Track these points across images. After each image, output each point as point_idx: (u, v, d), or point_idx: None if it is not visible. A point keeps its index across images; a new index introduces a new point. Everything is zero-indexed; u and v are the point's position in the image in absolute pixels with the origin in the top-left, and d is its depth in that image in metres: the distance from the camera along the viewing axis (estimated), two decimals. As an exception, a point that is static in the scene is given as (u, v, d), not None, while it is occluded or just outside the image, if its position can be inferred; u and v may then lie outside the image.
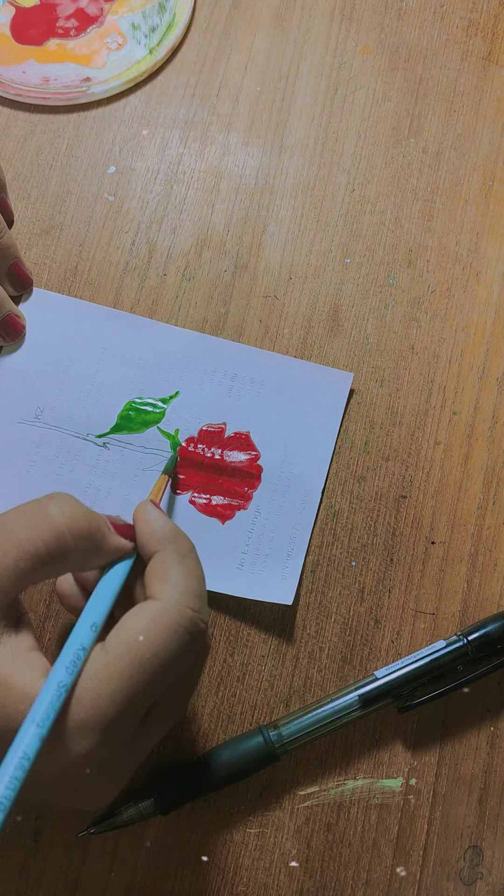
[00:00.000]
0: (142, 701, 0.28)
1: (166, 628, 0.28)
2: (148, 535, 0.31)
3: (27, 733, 0.25)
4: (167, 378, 0.40)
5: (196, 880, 0.35)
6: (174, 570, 0.30)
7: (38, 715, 0.25)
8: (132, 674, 0.27)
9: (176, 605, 0.28)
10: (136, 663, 0.27)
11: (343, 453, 0.40)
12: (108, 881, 0.35)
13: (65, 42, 0.46)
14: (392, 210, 0.44)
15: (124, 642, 0.27)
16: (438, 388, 0.41)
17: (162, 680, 0.28)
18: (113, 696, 0.27)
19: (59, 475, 0.39)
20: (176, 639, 0.28)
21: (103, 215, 0.43)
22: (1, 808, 0.24)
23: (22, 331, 0.40)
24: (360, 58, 0.46)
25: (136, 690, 0.27)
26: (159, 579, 0.29)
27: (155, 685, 0.28)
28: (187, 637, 0.28)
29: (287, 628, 0.38)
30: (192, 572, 0.30)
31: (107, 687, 0.27)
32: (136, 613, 0.29)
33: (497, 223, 0.44)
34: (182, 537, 0.31)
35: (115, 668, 0.27)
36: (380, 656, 0.38)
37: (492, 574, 0.39)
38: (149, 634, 0.28)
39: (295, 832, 0.36)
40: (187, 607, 0.29)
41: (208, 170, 0.44)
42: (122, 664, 0.27)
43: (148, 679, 0.27)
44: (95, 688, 0.27)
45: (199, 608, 0.29)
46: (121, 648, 0.27)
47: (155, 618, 0.28)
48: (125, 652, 0.27)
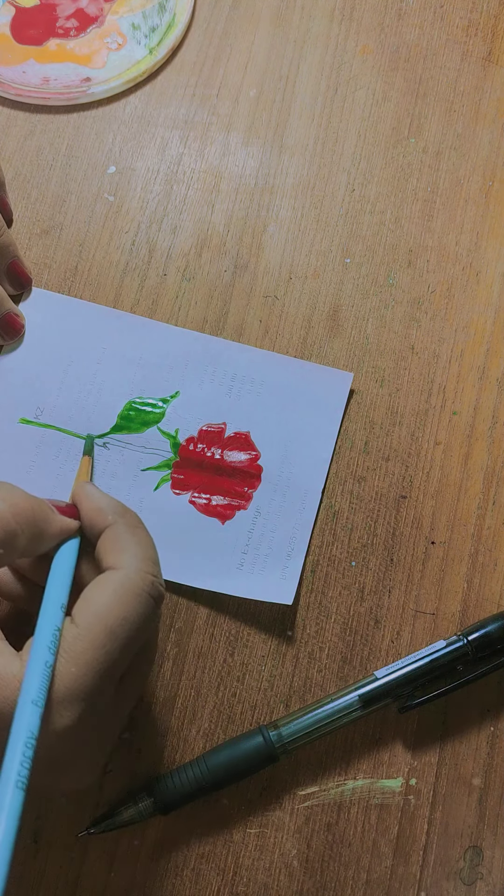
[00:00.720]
0: (117, 666, 0.28)
1: (131, 594, 0.29)
2: (95, 512, 0.32)
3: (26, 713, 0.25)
4: (167, 378, 0.40)
5: (196, 880, 0.35)
6: (129, 541, 0.31)
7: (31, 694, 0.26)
8: (104, 642, 0.28)
9: (137, 571, 0.29)
10: (108, 631, 0.28)
11: (343, 453, 0.40)
12: (108, 881, 0.35)
13: (65, 42, 0.46)
14: (392, 210, 0.44)
15: (93, 613, 0.28)
16: (438, 388, 0.41)
17: (133, 644, 0.29)
18: (89, 665, 0.27)
19: (59, 475, 0.39)
20: (142, 602, 0.29)
21: (103, 215, 0.43)
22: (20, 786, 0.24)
23: (21, 330, 0.40)
24: (360, 58, 0.46)
25: (111, 657, 0.28)
26: (116, 550, 0.30)
27: (127, 649, 0.29)
28: (151, 601, 0.29)
29: (287, 628, 0.38)
30: (145, 541, 0.31)
31: (82, 658, 0.27)
32: (99, 584, 0.29)
33: (497, 223, 0.44)
34: (128, 511, 0.32)
35: (88, 639, 0.28)
36: (380, 656, 0.38)
37: (492, 574, 0.39)
38: (116, 602, 0.28)
39: (295, 832, 0.36)
40: (147, 573, 0.30)
41: (208, 170, 0.44)
42: (95, 634, 0.28)
43: (120, 645, 0.28)
44: (72, 660, 0.27)
45: (157, 573, 0.30)
46: (90, 619, 0.28)
47: (119, 586, 0.29)
48: (95, 622, 0.28)
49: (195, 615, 0.38)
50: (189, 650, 0.37)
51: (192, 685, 0.37)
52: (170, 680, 0.37)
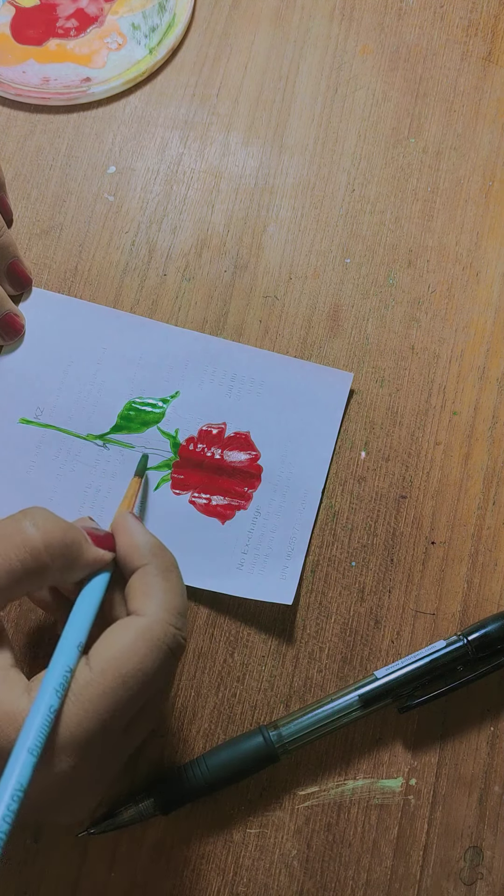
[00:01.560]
0: (124, 715, 0.28)
1: (150, 645, 0.28)
2: (131, 549, 0.31)
3: (19, 761, 0.25)
4: (167, 378, 0.40)
5: (196, 880, 0.35)
6: (158, 586, 0.30)
7: (28, 741, 0.25)
8: (116, 690, 0.27)
9: (159, 622, 0.29)
10: (120, 680, 0.27)
11: (343, 453, 0.40)
12: (108, 881, 0.35)
13: (65, 42, 0.46)
14: (392, 210, 0.44)
15: (108, 659, 0.28)
16: (438, 388, 0.41)
17: (144, 694, 0.28)
18: (97, 712, 0.27)
19: (59, 475, 0.39)
20: (159, 656, 0.28)
21: (103, 215, 0.43)
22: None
23: (21, 330, 0.40)
24: (360, 58, 0.46)
25: (120, 706, 0.27)
26: (143, 595, 0.30)
27: (138, 700, 0.28)
28: (169, 654, 0.29)
29: (287, 628, 0.38)
30: (174, 588, 0.30)
31: (91, 704, 0.27)
32: (119, 629, 0.29)
33: (497, 223, 0.44)
34: (165, 552, 0.31)
35: (99, 686, 0.27)
36: (380, 656, 0.38)
37: (492, 574, 0.39)
38: (133, 651, 0.28)
39: (295, 832, 0.36)
40: (170, 624, 0.29)
41: (208, 170, 0.44)
42: (107, 681, 0.27)
43: (132, 695, 0.27)
44: (80, 705, 0.27)
45: (181, 626, 0.29)
46: (105, 665, 0.27)
47: (139, 634, 0.28)
48: (110, 669, 0.27)
49: (195, 615, 0.38)
50: (189, 650, 0.37)
51: (192, 685, 0.37)
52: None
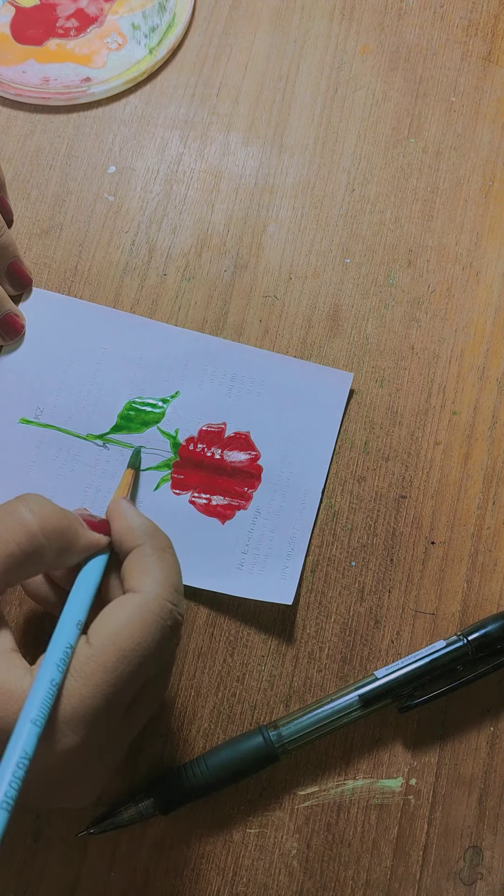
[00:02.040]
0: (127, 691, 0.28)
1: (148, 620, 0.28)
2: (126, 531, 0.32)
3: (23, 731, 0.25)
4: (167, 378, 0.40)
5: (196, 880, 0.35)
6: (153, 564, 0.30)
7: (32, 712, 0.25)
8: (116, 665, 0.27)
9: (156, 597, 0.29)
10: (120, 654, 0.28)
11: (343, 453, 0.40)
12: (108, 881, 0.35)
13: (65, 42, 0.46)
14: (392, 210, 0.44)
15: (107, 635, 0.28)
16: (438, 388, 0.41)
17: (145, 669, 0.28)
18: (99, 687, 0.27)
19: (59, 475, 0.39)
20: (157, 629, 0.29)
21: (103, 215, 0.43)
22: (4, 807, 0.24)
23: (21, 330, 0.40)
24: (360, 58, 0.46)
25: (121, 681, 0.28)
26: (139, 573, 0.30)
27: (138, 675, 0.28)
28: (168, 628, 0.29)
29: (287, 628, 0.38)
30: (170, 566, 0.31)
31: (92, 679, 0.27)
32: (117, 606, 0.29)
33: (497, 223, 0.44)
34: (159, 532, 0.32)
35: (100, 661, 0.27)
36: (380, 656, 0.38)
37: (492, 574, 0.39)
38: (131, 626, 0.28)
39: (295, 832, 0.36)
40: (167, 600, 0.29)
41: (208, 170, 0.44)
42: (107, 656, 0.27)
43: (132, 670, 0.28)
44: (82, 681, 0.27)
45: (178, 601, 0.30)
46: (104, 641, 0.28)
47: (136, 610, 0.29)
48: (109, 644, 0.28)
49: (195, 615, 0.38)
50: (189, 650, 0.37)
51: (192, 685, 0.37)
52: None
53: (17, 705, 0.26)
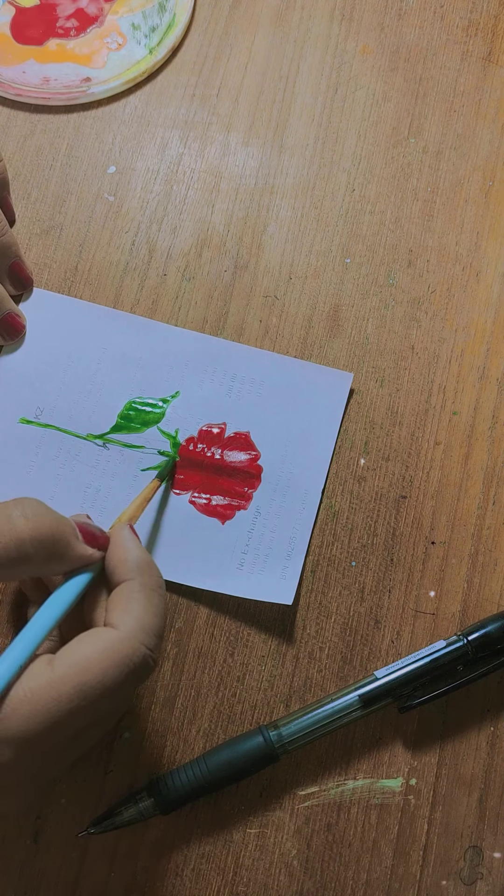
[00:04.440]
0: (74, 724, 0.27)
1: (117, 660, 0.28)
2: (120, 563, 0.31)
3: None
4: (167, 378, 0.40)
5: (196, 880, 0.35)
6: (138, 603, 0.29)
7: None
8: (72, 698, 0.27)
9: (132, 639, 0.28)
10: (79, 689, 0.27)
11: (343, 453, 0.40)
12: (108, 881, 0.35)
13: (65, 42, 0.46)
14: (392, 210, 0.44)
15: (71, 664, 0.27)
16: (438, 388, 0.41)
17: (101, 707, 0.28)
18: (48, 714, 0.27)
19: (59, 475, 0.39)
20: (124, 671, 0.28)
21: (103, 215, 0.43)
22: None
23: (22, 330, 0.40)
24: (360, 58, 0.46)
25: (73, 715, 0.27)
26: (121, 609, 0.29)
27: (92, 712, 0.28)
28: (134, 672, 0.28)
29: (287, 628, 0.38)
30: (155, 609, 0.30)
31: (43, 706, 0.27)
32: (90, 637, 0.28)
33: (497, 223, 0.44)
34: (153, 570, 0.31)
35: (57, 690, 0.27)
36: (380, 656, 0.38)
37: (492, 574, 0.39)
38: (99, 663, 0.27)
39: (295, 832, 0.36)
40: (142, 644, 0.29)
41: (208, 170, 0.44)
42: (66, 687, 0.27)
43: (87, 706, 0.27)
44: (32, 704, 0.27)
45: (154, 646, 0.29)
46: (68, 670, 0.27)
47: (108, 647, 0.28)
48: (71, 675, 0.27)
49: (195, 615, 0.38)
50: (189, 650, 0.37)
51: (192, 685, 0.37)
52: (170, 680, 0.37)
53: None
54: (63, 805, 0.36)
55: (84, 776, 0.36)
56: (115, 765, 0.36)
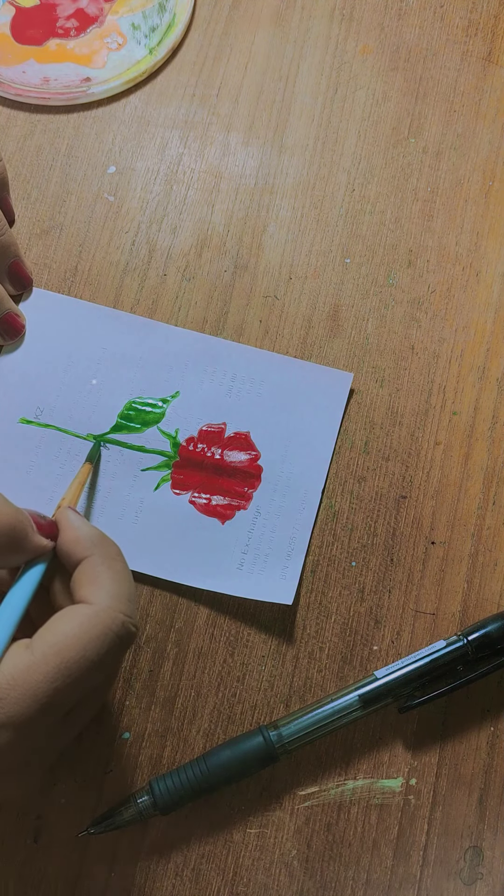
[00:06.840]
0: (64, 702, 0.28)
1: (97, 632, 0.28)
2: (74, 542, 0.31)
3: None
4: (167, 378, 0.40)
5: (196, 880, 0.35)
6: (104, 575, 0.30)
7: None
8: (56, 677, 0.27)
9: (107, 609, 0.28)
10: (63, 666, 0.27)
11: (343, 453, 0.40)
12: (108, 881, 0.35)
13: (65, 42, 0.46)
14: (392, 210, 0.44)
15: (51, 644, 0.27)
16: (438, 388, 0.41)
17: (88, 683, 0.28)
18: (35, 697, 0.27)
19: (59, 475, 0.39)
20: (106, 643, 0.28)
21: (103, 215, 0.43)
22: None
23: (21, 329, 0.40)
24: (360, 58, 0.46)
25: (60, 693, 0.27)
26: (90, 584, 0.29)
27: (79, 688, 0.28)
28: (117, 641, 0.28)
29: (287, 628, 0.38)
30: (121, 576, 0.30)
31: (30, 689, 0.27)
32: (65, 616, 0.28)
33: (497, 223, 0.44)
34: (108, 541, 0.31)
35: (40, 670, 0.27)
36: (380, 656, 0.38)
37: (492, 574, 0.39)
38: (78, 638, 0.28)
39: (295, 832, 0.36)
40: (119, 611, 0.29)
41: (208, 170, 0.44)
42: (49, 667, 0.27)
43: (73, 682, 0.27)
44: (18, 687, 0.27)
45: (131, 612, 0.29)
46: (48, 650, 0.27)
47: (85, 621, 0.28)
48: (53, 654, 0.27)
49: (195, 615, 0.38)
50: (189, 650, 0.37)
51: (192, 685, 0.37)
52: (170, 680, 0.37)
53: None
54: (63, 805, 0.36)
55: (84, 776, 0.36)
56: (115, 765, 0.36)
